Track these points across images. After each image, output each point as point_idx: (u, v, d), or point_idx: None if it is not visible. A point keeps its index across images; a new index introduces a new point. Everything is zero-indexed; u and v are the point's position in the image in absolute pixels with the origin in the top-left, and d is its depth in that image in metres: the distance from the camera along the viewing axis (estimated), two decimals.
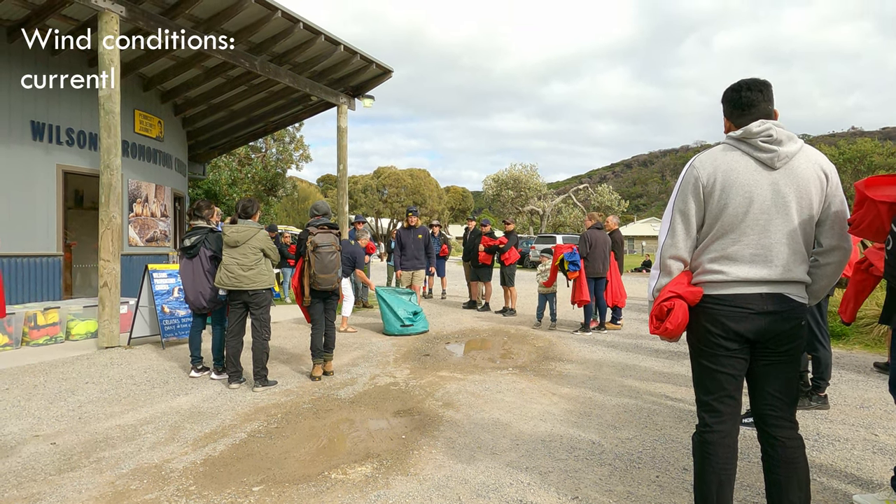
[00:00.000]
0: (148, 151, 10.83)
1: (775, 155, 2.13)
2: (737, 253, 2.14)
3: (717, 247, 2.18)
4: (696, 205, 2.19)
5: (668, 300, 2.20)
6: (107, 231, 6.95)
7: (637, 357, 6.54)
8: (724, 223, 2.15)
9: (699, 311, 2.20)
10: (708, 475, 2.19)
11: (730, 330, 2.14)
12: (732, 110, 2.28)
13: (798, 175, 2.14)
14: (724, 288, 2.15)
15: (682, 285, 2.21)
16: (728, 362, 2.18)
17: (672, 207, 2.26)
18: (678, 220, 2.23)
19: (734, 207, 2.13)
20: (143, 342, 7.17)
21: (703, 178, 2.17)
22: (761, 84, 2.24)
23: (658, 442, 3.78)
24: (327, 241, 5.39)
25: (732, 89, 2.29)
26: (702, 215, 2.20)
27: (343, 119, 11.68)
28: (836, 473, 3.26)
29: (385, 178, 51.79)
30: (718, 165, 2.17)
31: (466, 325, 9.11)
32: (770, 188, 2.13)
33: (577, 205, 41.76)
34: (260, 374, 5.10)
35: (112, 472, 3.29)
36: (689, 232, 2.22)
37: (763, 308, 2.12)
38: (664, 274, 2.26)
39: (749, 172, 2.14)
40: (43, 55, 8.72)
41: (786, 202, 2.12)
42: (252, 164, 26.18)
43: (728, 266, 2.15)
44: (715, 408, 2.21)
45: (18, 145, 8.36)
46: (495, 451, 3.63)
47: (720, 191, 2.15)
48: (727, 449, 2.19)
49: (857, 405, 4.59)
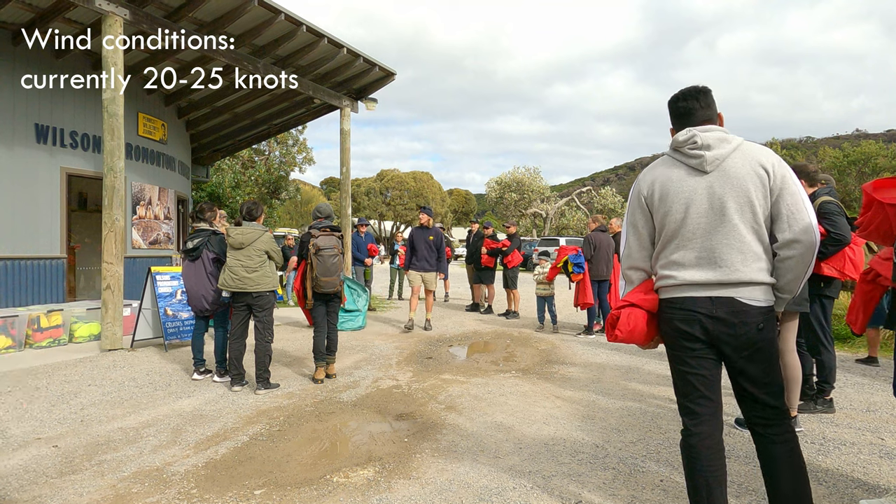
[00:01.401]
0: (151, 154, 10.86)
1: (703, 160, 2.20)
2: (682, 258, 2.23)
3: (665, 253, 2.29)
4: (643, 217, 2.34)
5: (621, 308, 2.34)
6: (110, 233, 6.96)
7: (640, 360, 6.51)
8: (668, 231, 2.26)
9: (661, 316, 2.31)
10: (695, 478, 2.20)
11: (683, 332, 2.22)
12: (673, 120, 2.41)
13: (732, 175, 2.16)
14: (673, 291, 2.25)
15: (638, 294, 2.34)
16: (694, 363, 2.23)
17: (625, 222, 2.44)
18: (630, 233, 2.40)
19: (673, 214, 2.24)
20: (146, 345, 7.17)
21: (644, 191, 2.33)
22: (698, 92, 2.34)
23: (662, 445, 3.75)
24: (330, 244, 5.38)
25: (671, 99, 2.41)
26: (651, 226, 2.34)
27: (346, 122, 11.69)
28: (842, 478, 3.23)
29: (388, 181, 51.82)
30: (656, 177, 2.31)
31: (469, 327, 9.09)
32: (705, 192, 2.19)
33: (581, 207, 41.69)
34: (262, 376, 5.09)
35: (113, 475, 3.28)
36: (641, 242, 2.36)
37: (712, 312, 2.16)
38: (627, 283, 2.44)
39: (682, 180, 2.24)
40: (47, 58, 8.76)
41: (722, 204, 2.16)
42: (255, 167, 26.22)
43: (675, 270, 2.24)
44: (692, 409, 2.25)
45: (23, 148, 8.38)
46: (498, 454, 3.61)
47: (659, 201, 2.27)
48: (710, 450, 2.19)
49: (863, 409, 4.55)
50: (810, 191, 4.25)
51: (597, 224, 8.36)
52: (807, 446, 3.71)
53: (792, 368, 3.95)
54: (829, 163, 40.40)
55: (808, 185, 4.26)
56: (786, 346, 3.98)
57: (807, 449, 3.66)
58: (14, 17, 7.94)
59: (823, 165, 39.18)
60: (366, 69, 10.91)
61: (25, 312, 6.96)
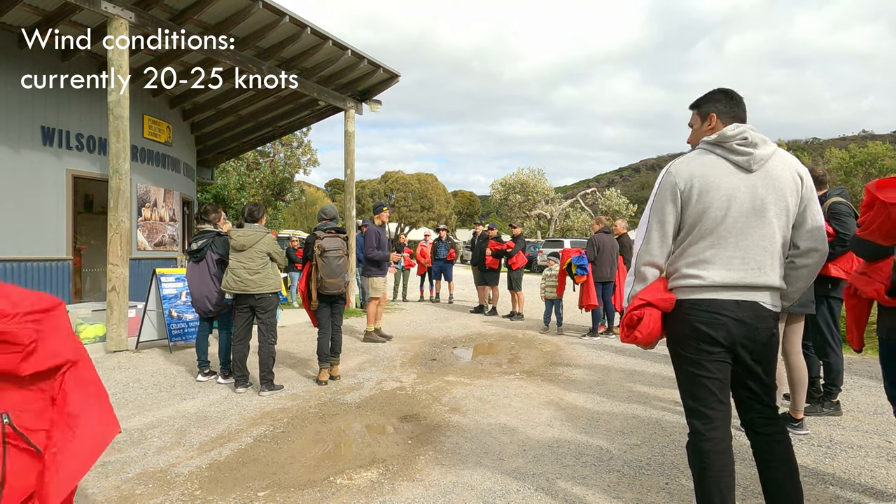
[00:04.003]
0: (157, 156, 10.90)
1: (751, 157, 2.14)
2: (714, 257, 2.14)
3: (694, 251, 2.17)
4: (674, 211, 2.20)
5: (639, 308, 2.22)
6: (115, 235, 6.98)
7: (645, 362, 6.48)
8: (703, 228, 2.15)
9: (677, 317, 2.21)
10: (709, 485, 2.16)
11: (707, 335, 2.14)
12: (723, 110, 2.28)
13: (774, 177, 2.14)
14: (700, 293, 2.15)
15: (656, 292, 2.22)
16: (713, 367, 2.18)
17: (648, 214, 2.26)
18: (654, 227, 2.23)
19: (712, 212, 2.13)
20: (150, 346, 7.19)
21: (680, 184, 2.17)
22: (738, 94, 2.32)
23: (667, 448, 3.73)
24: (335, 246, 5.39)
25: (724, 91, 2.32)
26: (678, 221, 2.21)
27: (350, 123, 11.71)
28: (849, 482, 3.20)
29: (393, 183, 51.87)
30: (695, 170, 2.17)
31: (473, 329, 9.08)
32: (748, 191, 2.13)
33: (585, 209, 41.62)
34: (266, 378, 5.09)
35: (118, 476, 3.29)
36: (664, 239, 2.22)
37: (737, 316, 2.12)
38: (639, 281, 2.27)
39: (726, 176, 2.14)
40: (53, 61, 8.81)
41: (764, 205, 2.13)
42: (260, 169, 26.30)
43: (704, 270, 2.14)
44: (706, 415, 2.19)
45: (29, 150, 8.43)
46: (502, 456, 3.59)
47: (698, 195, 2.14)
48: (723, 455, 2.17)
49: (871, 412, 4.52)
50: (820, 193, 4.25)
51: (601, 226, 8.33)
52: (813, 449, 3.68)
53: (798, 371, 3.93)
54: (836, 164, 40.23)
55: (817, 188, 4.25)
56: (792, 348, 3.95)
57: (813, 452, 3.63)
58: (20, 20, 8.00)
59: (830, 167, 39.00)
60: (370, 71, 10.93)
61: None
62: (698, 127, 2.35)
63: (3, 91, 8.14)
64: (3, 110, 8.11)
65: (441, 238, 12.66)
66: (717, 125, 2.26)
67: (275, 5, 8.18)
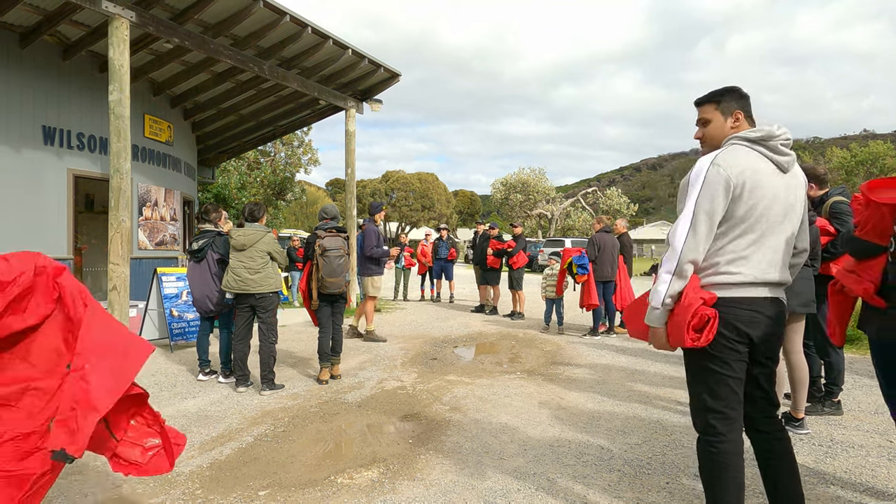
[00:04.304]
0: (157, 156, 10.91)
1: (791, 159, 2.19)
2: (752, 254, 2.13)
3: (734, 247, 2.12)
4: (724, 204, 2.09)
5: (707, 308, 2.08)
6: (116, 235, 6.99)
7: (646, 362, 6.48)
8: (748, 224, 2.11)
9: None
10: (729, 486, 2.13)
11: (743, 333, 2.12)
12: (746, 109, 2.27)
13: (798, 181, 2.24)
14: (739, 290, 2.12)
15: (701, 291, 2.12)
16: (738, 366, 2.17)
17: (695, 207, 2.11)
18: (702, 221, 2.09)
19: (759, 209, 2.11)
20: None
21: (733, 178, 2.08)
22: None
23: (668, 448, 3.73)
24: (335, 245, 5.39)
25: (739, 89, 2.32)
26: (722, 216, 2.12)
27: (351, 123, 11.71)
28: (850, 481, 3.19)
29: (393, 182, 51.90)
30: (746, 166, 2.11)
31: (474, 328, 9.08)
32: (784, 192, 2.16)
33: (586, 208, 41.61)
34: (267, 377, 5.10)
35: (118, 474, 3.29)
36: (711, 233, 2.11)
37: (770, 312, 2.16)
38: (679, 278, 2.11)
39: (770, 175, 2.15)
40: (54, 60, 8.81)
41: (793, 206, 2.20)
42: (261, 168, 26.31)
43: (745, 267, 2.12)
44: (727, 415, 2.16)
45: (30, 150, 8.44)
46: (503, 456, 3.59)
47: (749, 191, 2.09)
48: (740, 457, 2.17)
49: (872, 411, 4.51)
50: (820, 193, 4.24)
51: (601, 225, 8.33)
52: (814, 449, 3.68)
53: (799, 370, 3.93)
54: (837, 163, 40.19)
55: (818, 187, 4.25)
56: (793, 347, 3.95)
57: (814, 452, 3.63)
58: (21, 20, 8.00)
59: (831, 166, 38.95)
60: (371, 70, 10.93)
61: None
62: (721, 123, 2.27)
63: (5, 90, 8.14)
64: (4, 109, 8.11)
65: (442, 237, 12.66)
66: (744, 123, 2.25)
67: (275, 4, 8.18)
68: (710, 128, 2.32)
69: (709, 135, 2.32)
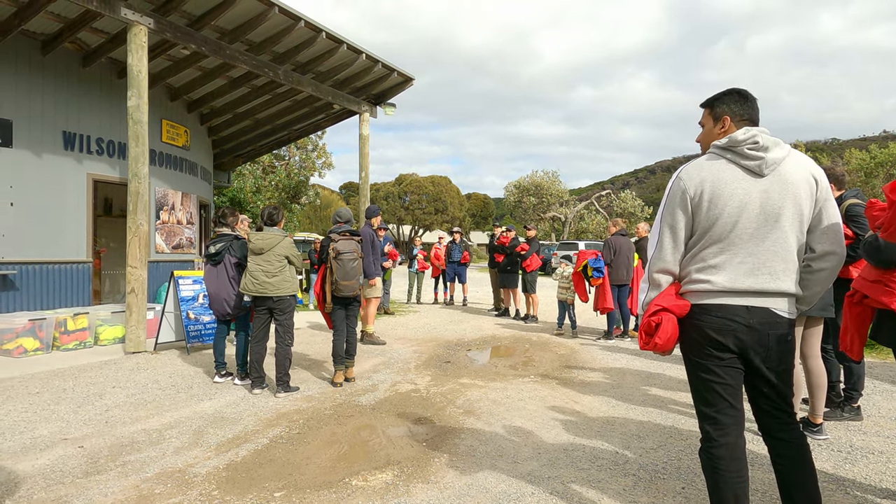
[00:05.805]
0: (175, 160, 11.04)
1: (763, 162, 2.10)
2: (724, 263, 2.12)
3: (704, 256, 2.16)
4: (685, 217, 2.18)
5: (656, 314, 2.19)
6: (134, 238, 7.09)
7: (661, 366, 6.43)
8: (713, 234, 2.13)
9: (688, 322, 2.20)
10: (723, 491, 2.14)
11: (716, 341, 2.12)
12: (738, 111, 2.23)
13: (788, 181, 2.11)
14: (709, 298, 2.14)
15: (670, 298, 2.21)
16: (724, 372, 2.16)
17: (660, 221, 2.24)
18: (666, 234, 2.21)
19: (724, 219, 2.11)
20: (168, 347, 7.28)
21: (690, 191, 2.15)
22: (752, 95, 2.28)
23: (683, 452, 3.70)
24: (349, 248, 5.42)
25: (736, 91, 2.27)
26: (690, 227, 2.19)
27: (365, 127, 11.78)
28: (870, 487, 3.15)
29: (407, 185, 52.02)
30: (705, 176, 2.14)
31: (487, 332, 9.07)
32: (759, 197, 2.10)
33: (600, 211, 41.39)
34: (282, 379, 5.13)
35: (137, 475, 3.34)
36: (676, 245, 2.21)
37: (747, 321, 2.10)
38: (653, 287, 2.25)
39: (737, 181, 2.12)
40: (74, 67, 8.97)
41: (777, 210, 2.10)
42: (276, 172, 26.52)
43: (714, 275, 2.13)
44: (718, 420, 2.18)
45: (51, 155, 8.59)
46: (517, 459, 3.59)
47: (708, 203, 2.12)
48: (737, 461, 2.15)
49: (892, 416, 4.44)
50: (837, 194, 4.18)
51: (617, 228, 8.29)
52: (833, 455, 3.63)
53: (817, 375, 3.88)
54: (856, 165, 39.56)
55: (836, 188, 4.19)
56: (811, 351, 3.90)
57: (833, 457, 3.58)
58: (43, 28, 8.16)
59: (849, 167, 38.35)
60: (384, 75, 10.99)
61: (53, 315, 7.12)
62: (710, 128, 2.30)
63: (27, 97, 8.30)
64: (26, 116, 8.27)
65: (455, 241, 12.66)
66: (730, 128, 2.22)
67: (290, 10, 8.26)
68: (702, 133, 2.36)
69: (701, 140, 2.37)
